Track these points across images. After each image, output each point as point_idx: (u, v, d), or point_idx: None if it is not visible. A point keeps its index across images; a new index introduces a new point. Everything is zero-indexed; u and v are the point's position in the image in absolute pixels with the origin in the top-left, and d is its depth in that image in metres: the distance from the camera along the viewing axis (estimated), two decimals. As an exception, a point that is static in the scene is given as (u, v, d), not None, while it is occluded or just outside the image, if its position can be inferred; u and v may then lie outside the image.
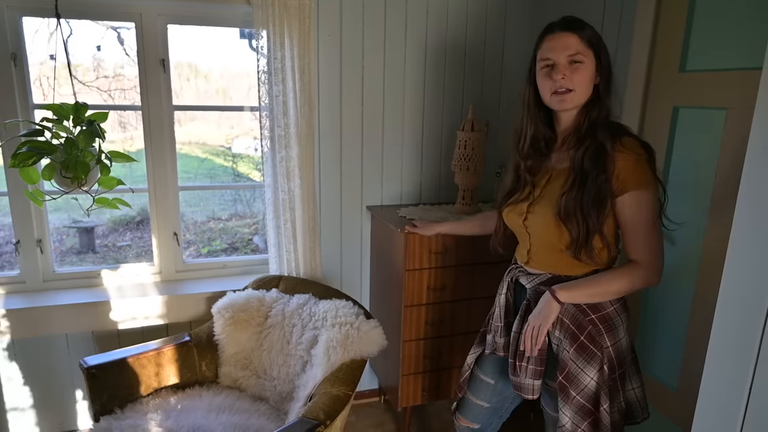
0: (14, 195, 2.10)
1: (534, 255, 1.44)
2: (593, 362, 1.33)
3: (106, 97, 5.70)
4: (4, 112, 2.02)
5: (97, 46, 4.36)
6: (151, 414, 1.74)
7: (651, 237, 1.29)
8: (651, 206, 1.27)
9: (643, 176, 1.26)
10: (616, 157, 1.26)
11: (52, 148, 1.81)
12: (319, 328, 1.87)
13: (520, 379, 1.42)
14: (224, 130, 6.79)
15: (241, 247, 5.57)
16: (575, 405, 1.35)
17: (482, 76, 2.44)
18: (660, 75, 1.79)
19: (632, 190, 1.26)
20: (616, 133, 1.30)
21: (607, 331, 1.35)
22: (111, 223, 6.06)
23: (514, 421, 2.45)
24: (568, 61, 1.29)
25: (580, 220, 1.28)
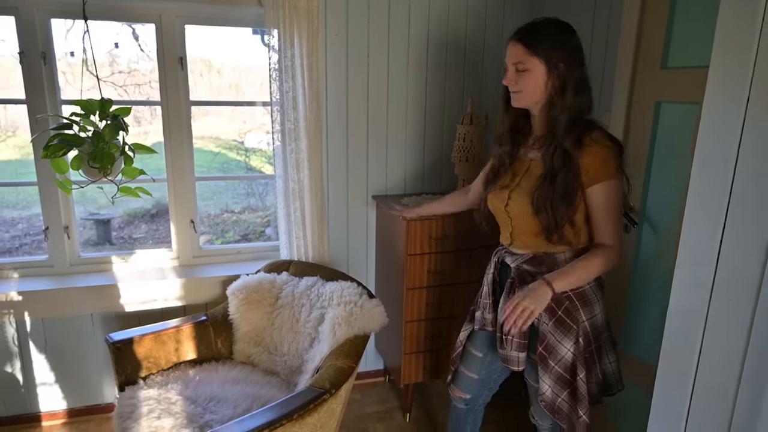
0: (43, 185, 2.26)
1: (516, 237, 1.57)
2: (569, 335, 1.47)
3: (122, 92, 5.85)
4: (34, 108, 2.18)
5: (116, 44, 4.54)
6: (171, 384, 1.90)
7: (616, 222, 1.43)
8: (617, 195, 1.41)
9: (611, 168, 1.39)
10: (586, 151, 1.39)
11: (80, 141, 1.96)
12: (325, 307, 2.02)
13: (507, 352, 1.55)
14: (237, 124, 6.95)
15: (254, 239, 5.73)
16: (554, 374, 1.49)
17: (482, 71, 2.56)
18: (644, 71, 1.91)
19: (601, 181, 1.39)
20: (586, 128, 1.42)
21: (583, 306, 1.49)
22: (126, 216, 6.25)
23: (506, 399, 2.59)
24: (514, 69, 1.44)
25: (550, 213, 1.41)
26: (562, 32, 1.44)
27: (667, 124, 1.84)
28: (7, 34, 2.88)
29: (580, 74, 1.43)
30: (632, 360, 2.04)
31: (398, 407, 2.56)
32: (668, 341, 1.17)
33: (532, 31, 1.43)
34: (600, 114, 2.15)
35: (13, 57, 2.10)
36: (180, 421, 1.70)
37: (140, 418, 1.72)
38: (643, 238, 1.97)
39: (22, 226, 5.95)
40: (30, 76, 2.15)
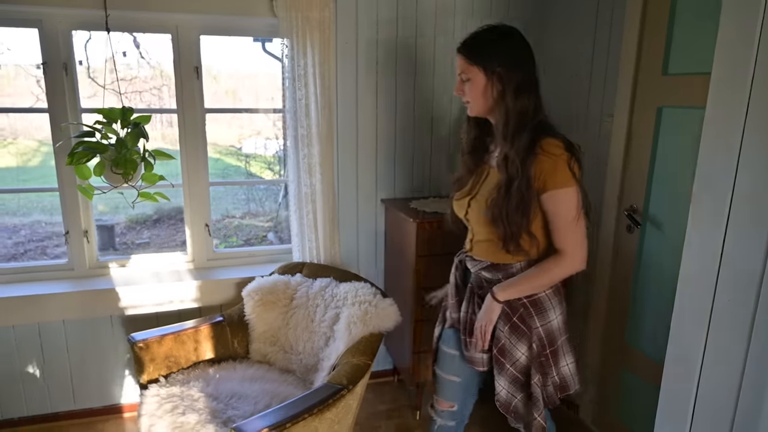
0: (64, 190, 2.33)
1: (475, 245, 1.59)
2: (523, 340, 1.51)
3: (123, 100, 5.93)
4: (56, 116, 2.25)
5: (123, 52, 4.62)
6: (193, 382, 1.96)
7: (572, 230, 1.41)
8: (570, 203, 1.39)
9: (561, 176, 1.37)
10: (537, 159, 1.37)
11: (104, 148, 2.04)
12: (340, 306, 2.09)
13: (472, 354, 1.59)
14: (234, 130, 7.01)
15: (256, 243, 5.80)
16: (509, 376, 1.53)
17: (486, 79, 2.64)
18: (646, 77, 1.99)
19: (551, 189, 1.38)
20: (537, 134, 1.39)
21: (537, 313, 1.52)
22: (129, 222, 6.31)
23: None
24: (460, 79, 1.49)
25: (506, 224, 1.41)
26: (502, 36, 1.45)
27: (668, 127, 1.92)
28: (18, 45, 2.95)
29: (521, 76, 1.41)
30: (638, 354, 2.11)
31: (408, 406, 2.62)
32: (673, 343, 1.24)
33: (472, 40, 1.47)
34: (602, 118, 2.24)
35: (16, 66, 2.17)
36: (204, 416, 1.76)
37: (165, 414, 1.79)
38: (646, 237, 2.05)
39: (24, 232, 6.00)
40: (52, 85, 2.23)
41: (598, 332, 2.30)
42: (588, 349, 2.37)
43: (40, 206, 6.49)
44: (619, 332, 2.20)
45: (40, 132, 8.42)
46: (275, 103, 7.20)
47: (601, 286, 2.26)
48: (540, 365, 1.53)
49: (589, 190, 2.29)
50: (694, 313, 1.24)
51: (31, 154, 8.53)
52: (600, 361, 2.31)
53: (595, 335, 2.31)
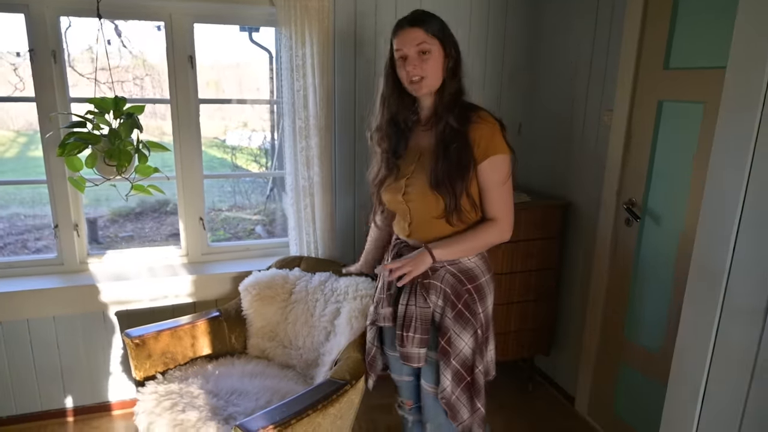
0: (53, 182, 2.26)
1: (415, 228, 1.56)
2: (468, 327, 1.51)
3: (106, 90, 5.79)
4: (44, 106, 2.17)
5: (108, 41, 4.49)
6: (191, 379, 1.93)
7: (506, 196, 1.48)
8: (506, 168, 1.46)
9: (499, 143, 1.44)
10: (474, 128, 1.44)
11: (96, 139, 1.98)
12: (341, 301, 2.06)
13: (408, 349, 1.54)
14: (217, 122, 6.91)
15: (244, 237, 5.73)
16: (452, 369, 1.51)
17: (484, 70, 2.63)
18: (646, 71, 2.00)
19: (491, 155, 1.43)
20: (472, 109, 1.48)
21: (480, 299, 1.54)
22: (111, 215, 6.18)
23: (514, 392, 2.68)
24: (416, 52, 1.45)
25: (449, 186, 1.44)
26: (441, 20, 1.50)
27: (669, 121, 1.93)
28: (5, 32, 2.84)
29: (460, 55, 1.51)
30: (637, 348, 2.14)
31: (405, 399, 2.62)
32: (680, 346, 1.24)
33: (423, 15, 1.48)
34: (601, 113, 2.24)
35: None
36: (204, 413, 1.73)
37: (164, 412, 1.75)
38: (645, 230, 2.06)
39: (2, 225, 5.84)
40: (40, 74, 2.15)
41: (596, 326, 2.32)
42: (585, 342, 2.39)
43: (18, 198, 6.31)
44: (617, 326, 2.22)
45: (16, 122, 8.18)
46: (261, 94, 7.09)
47: (600, 280, 2.27)
48: (480, 352, 1.55)
49: (587, 183, 2.35)
50: (703, 311, 1.24)
51: (8, 144, 8.29)
52: (597, 355, 2.33)
53: (593, 329, 2.33)
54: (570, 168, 2.47)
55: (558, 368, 2.66)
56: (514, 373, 2.80)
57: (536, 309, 2.53)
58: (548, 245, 2.46)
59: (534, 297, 2.50)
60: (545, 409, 2.55)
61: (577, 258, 2.46)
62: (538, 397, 2.65)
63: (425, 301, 1.52)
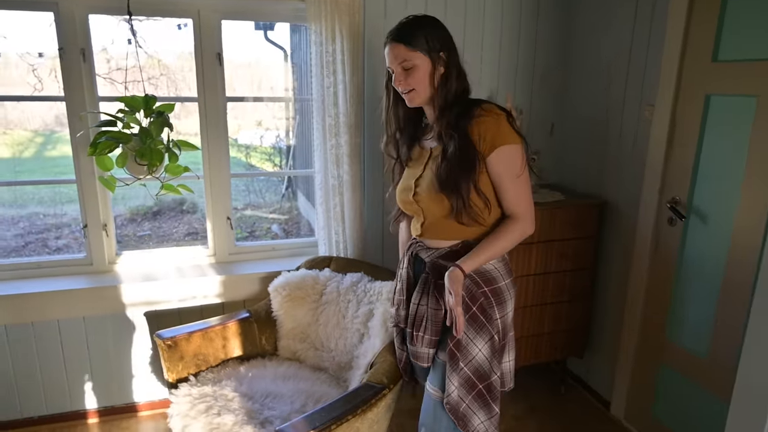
0: (82, 182, 2.24)
1: (428, 227, 1.53)
2: (483, 333, 1.43)
3: (122, 89, 5.82)
4: (75, 105, 2.15)
5: (128, 39, 4.48)
6: (225, 381, 1.90)
7: (522, 188, 1.42)
8: (519, 159, 1.40)
9: (506, 132, 1.38)
10: (477, 122, 1.38)
11: (127, 138, 1.95)
12: (374, 302, 2.02)
13: (417, 348, 1.51)
14: (229, 121, 6.93)
15: (261, 236, 5.72)
16: (462, 376, 1.42)
17: (516, 70, 2.57)
18: (692, 65, 1.92)
19: (499, 145, 1.37)
20: (474, 104, 1.43)
21: (498, 304, 1.46)
22: (129, 214, 6.21)
23: (545, 395, 2.62)
24: (401, 69, 1.43)
25: (453, 186, 1.39)
26: (432, 24, 1.46)
27: (717, 116, 1.85)
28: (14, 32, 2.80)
29: (457, 58, 1.46)
30: (679, 350, 2.07)
31: (435, 401, 2.57)
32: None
33: (405, 28, 1.44)
34: (641, 109, 2.17)
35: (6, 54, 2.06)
36: (240, 417, 1.70)
37: (199, 415, 1.72)
38: (689, 230, 1.99)
39: (23, 224, 5.89)
40: (69, 73, 2.13)
41: (634, 327, 2.25)
42: (622, 343, 2.32)
43: (36, 198, 6.37)
44: (658, 327, 2.15)
45: (33, 122, 8.26)
46: (275, 92, 7.06)
47: (639, 279, 2.20)
48: (497, 360, 1.47)
49: (625, 182, 2.28)
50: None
51: (26, 144, 8.37)
52: (635, 356, 2.26)
53: (632, 330, 2.26)
54: (606, 166, 2.40)
55: (592, 371, 2.60)
56: (546, 376, 2.74)
57: (570, 310, 2.46)
58: (583, 245, 2.39)
59: (568, 298, 2.44)
60: (579, 413, 2.49)
61: (614, 258, 2.39)
62: (571, 400, 2.59)
63: (437, 302, 1.47)
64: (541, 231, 2.29)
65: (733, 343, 1.80)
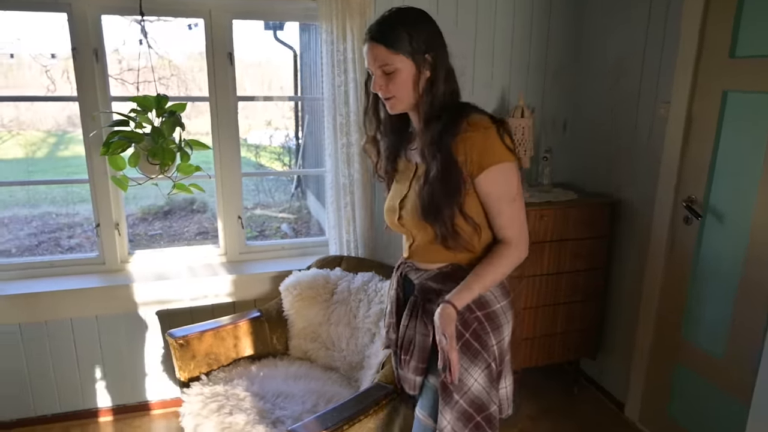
0: (95, 182, 2.25)
1: (416, 250, 1.39)
2: (479, 361, 1.30)
3: (133, 90, 5.86)
4: (88, 105, 2.17)
5: (140, 40, 4.51)
6: (237, 380, 1.90)
7: (515, 212, 1.27)
8: (510, 179, 1.25)
9: (496, 150, 1.22)
10: (462, 139, 1.22)
11: (140, 137, 1.96)
12: (385, 302, 2.01)
13: (405, 373, 1.41)
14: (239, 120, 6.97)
15: (271, 235, 5.73)
16: (457, 410, 1.29)
17: (528, 67, 2.55)
18: (709, 61, 1.89)
19: (488, 166, 1.22)
20: (460, 113, 1.26)
21: (493, 329, 1.32)
22: (140, 213, 6.26)
23: (559, 395, 2.59)
24: (381, 72, 1.26)
25: (435, 213, 1.25)
26: (418, 19, 1.28)
27: (735, 113, 1.82)
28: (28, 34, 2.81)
29: (446, 59, 1.30)
30: (695, 350, 2.04)
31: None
32: None
33: (386, 25, 1.26)
34: (655, 106, 2.14)
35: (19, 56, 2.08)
36: (252, 417, 1.70)
37: (211, 414, 1.72)
38: (706, 229, 1.96)
39: (35, 224, 5.94)
40: (82, 73, 2.14)
41: (649, 327, 2.22)
42: (637, 343, 2.29)
43: (49, 198, 6.43)
44: (673, 327, 2.12)
45: (45, 123, 8.35)
46: (284, 92, 7.06)
47: (654, 279, 2.17)
48: (495, 389, 1.34)
49: (639, 180, 2.25)
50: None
51: (38, 144, 8.47)
52: (650, 356, 2.23)
53: (647, 329, 2.23)
54: (620, 165, 2.37)
55: (605, 372, 2.57)
56: (559, 377, 2.72)
57: (583, 310, 2.44)
58: (597, 244, 2.36)
59: (581, 298, 2.41)
60: (592, 414, 2.46)
61: (628, 257, 2.36)
62: (584, 401, 2.56)
63: (426, 327, 1.34)
64: (554, 230, 2.27)
65: (752, 343, 1.77)
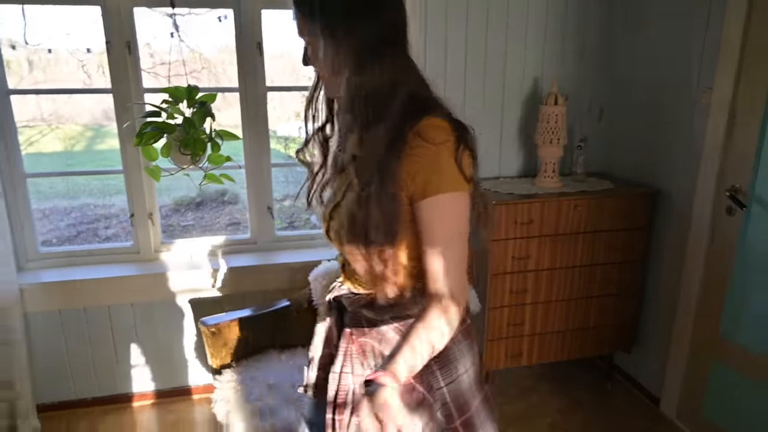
0: (129, 172, 2.30)
1: (350, 271, 1.09)
2: (420, 411, 1.01)
3: (165, 83, 5.97)
4: (121, 97, 2.21)
5: (171, 33, 4.58)
6: (267, 368, 1.92)
7: (452, 255, 0.94)
8: (452, 213, 0.94)
9: (446, 175, 0.92)
10: (410, 154, 0.92)
11: (171, 128, 1.98)
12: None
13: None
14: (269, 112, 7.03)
15: (300, 226, 5.78)
16: None
17: (563, 53, 2.47)
18: (756, 45, 1.79)
19: (432, 194, 0.92)
20: (408, 117, 0.93)
21: (440, 367, 1.04)
22: (173, 204, 6.40)
23: (591, 389, 2.54)
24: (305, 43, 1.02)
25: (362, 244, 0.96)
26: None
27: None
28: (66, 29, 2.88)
29: (372, 33, 0.93)
30: (734, 347, 1.96)
31: (475, 393, 2.54)
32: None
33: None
34: (697, 93, 2.05)
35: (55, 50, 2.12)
36: (281, 403, 1.71)
37: (242, 401, 1.75)
38: (751, 220, 1.87)
39: (75, 215, 6.13)
40: (116, 65, 2.18)
41: (688, 321, 2.14)
42: (674, 339, 2.22)
43: (87, 189, 6.62)
44: (713, 322, 2.04)
45: (84, 117, 8.59)
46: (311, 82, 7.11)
47: (694, 272, 2.09)
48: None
49: (679, 170, 2.16)
50: None
51: (77, 138, 8.73)
52: (689, 352, 2.16)
53: (685, 324, 2.16)
54: (659, 153, 2.28)
55: (640, 366, 2.50)
56: (591, 370, 2.66)
57: (618, 304, 2.37)
58: (633, 236, 2.29)
59: (616, 291, 2.34)
60: (626, 409, 2.40)
61: (667, 249, 2.28)
62: (618, 395, 2.50)
63: (362, 367, 1.06)
64: (587, 221, 2.21)
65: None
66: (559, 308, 2.31)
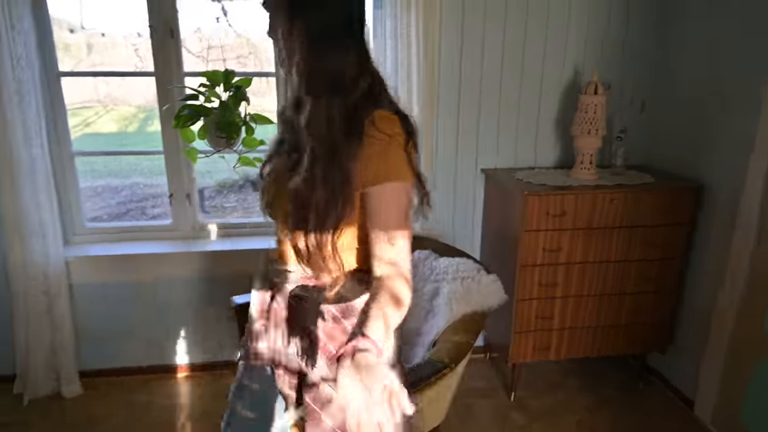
0: (168, 153, 2.38)
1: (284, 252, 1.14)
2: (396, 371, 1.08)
3: (213, 67, 6.10)
4: (163, 80, 2.28)
5: (217, 18, 4.68)
6: (292, 348, 1.97)
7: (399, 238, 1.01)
8: (400, 202, 1.01)
9: (393, 165, 0.99)
10: (366, 142, 0.98)
11: (208, 111, 2.04)
12: (440, 281, 1.99)
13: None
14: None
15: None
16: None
17: (602, 41, 2.37)
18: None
19: (382, 182, 0.99)
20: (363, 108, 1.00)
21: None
22: (217, 186, 6.59)
23: (621, 388, 2.47)
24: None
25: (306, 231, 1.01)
26: None
27: None
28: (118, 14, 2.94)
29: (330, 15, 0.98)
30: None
31: (501, 385, 2.52)
32: None
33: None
34: (751, 85, 1.93)
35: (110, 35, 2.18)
36: (304, 384, 1.75)
37: (267, 378, 1.80)
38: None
39: (125, 193, 6.41)
40: (158, 50, 2.25)
41: (729, 323, 2.04)
42: (711, 341, 2.12)
43: (138, 169, 6.90)
44: (757, 324, 1.94)
45: (137, 99, 8.94)
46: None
47: (739, 271, 1.99)
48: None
49: (728, 163, 2.04)
50: None
51: (130, 119, 9.11)
52: (728, 356, 2.06)
53: (726, 326, 2.06)
54: (704, 147, 2.17)
55: (674, 367, 2.41)
56: (622, 369, 2.59)
57: (655, 302, 2.29)
58: (674, 232, 2.19)
59: (653, 288, 2.26)
60: (658, 410, 2.33)
61: (709, 247, 2.17)
62: (649, 396, 2.42)
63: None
64: (624, 215, 2.14)
65: None
66: (590, 303, 2.25)
